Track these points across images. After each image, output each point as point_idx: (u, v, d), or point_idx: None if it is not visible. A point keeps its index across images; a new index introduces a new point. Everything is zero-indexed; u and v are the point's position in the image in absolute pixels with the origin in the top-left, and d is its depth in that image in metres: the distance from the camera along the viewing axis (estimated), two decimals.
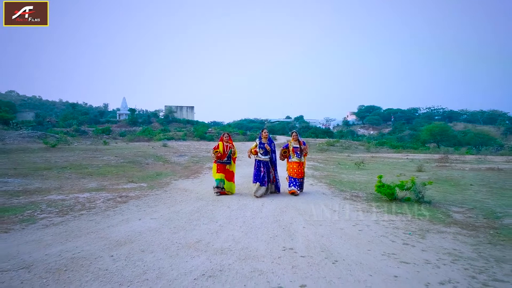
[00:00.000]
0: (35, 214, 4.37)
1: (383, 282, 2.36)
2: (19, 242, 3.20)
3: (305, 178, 6.62)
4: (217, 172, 6.08)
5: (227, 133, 6.39)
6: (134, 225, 3.86)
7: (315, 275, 2.46)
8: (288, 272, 2.53)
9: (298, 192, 6.10)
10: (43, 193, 5.89)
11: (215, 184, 6.10)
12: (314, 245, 3.19)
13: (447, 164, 13.98)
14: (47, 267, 2.55)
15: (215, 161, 6.14)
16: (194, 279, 2.36)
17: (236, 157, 6.41)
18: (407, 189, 5.42)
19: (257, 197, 5.81)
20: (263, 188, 5.93)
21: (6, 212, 4.39)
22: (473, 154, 23.40)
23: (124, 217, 4.27)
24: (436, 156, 19.56)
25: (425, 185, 5.38)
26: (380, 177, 5.62)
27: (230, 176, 6.17)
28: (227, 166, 6.14)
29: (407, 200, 5.39)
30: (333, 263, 2.73)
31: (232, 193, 6.18)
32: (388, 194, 5.42)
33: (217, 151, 6.09)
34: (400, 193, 5.52)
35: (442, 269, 2.60)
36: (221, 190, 6.05)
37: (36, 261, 2.69)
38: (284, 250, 3.05)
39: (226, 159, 6.12)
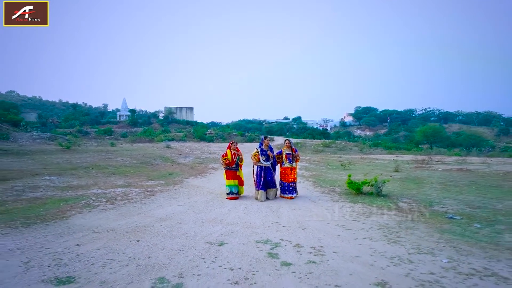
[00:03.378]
0: (90, 202, 5.91)
1: (329, 238, 3.93)
2: (94, 219, 4.75)
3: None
4: (228, 178, 6.57)
5: (235, 142, 6.89)
6: (167, 209, 5.44)
7: (290, 234, 4.04)
8: (274, 233, 4.10)
9: (294, 197, 6.63)
10: (85, 188, 7.43)
11: (227, 190, 6.55)
12: (292, 221, 4.77)
13: (423, 165, 15.63)
14: (124, 230, 4.11)
15: (225, 168, 6.64)
16: (217, 235, 3.94)
17: (242, 164, 6.91)
18: (371, 185, 7.01)
19: (262, 201, 6.28)
20: (272, 191, 6.52)
21: (68, 201, 5.94)
22: (462, 155, 24.73)
23: (158, 204, 5.84)
24: (421, 157, 21.21)
25: (384, 182, 6.98)
26: (349, 175, 7.22)
27: (240, 182, 6.72)
28: (237, 173, 6.69)
29: (370, 194, 6.97)
30: (302, 229, 4.31)
31: (241, 194, 6.77)
32: (355, 189, 7.01)
33: (225, 159, 6.58)
34: (365, 188, 7.10)
35: (369, 232, 4.19)
36: (232, 196, 6.51)
37: (115, 227, 4.25)
38: (272, 223, 4.63)
39: (234, 165, 6.64)
